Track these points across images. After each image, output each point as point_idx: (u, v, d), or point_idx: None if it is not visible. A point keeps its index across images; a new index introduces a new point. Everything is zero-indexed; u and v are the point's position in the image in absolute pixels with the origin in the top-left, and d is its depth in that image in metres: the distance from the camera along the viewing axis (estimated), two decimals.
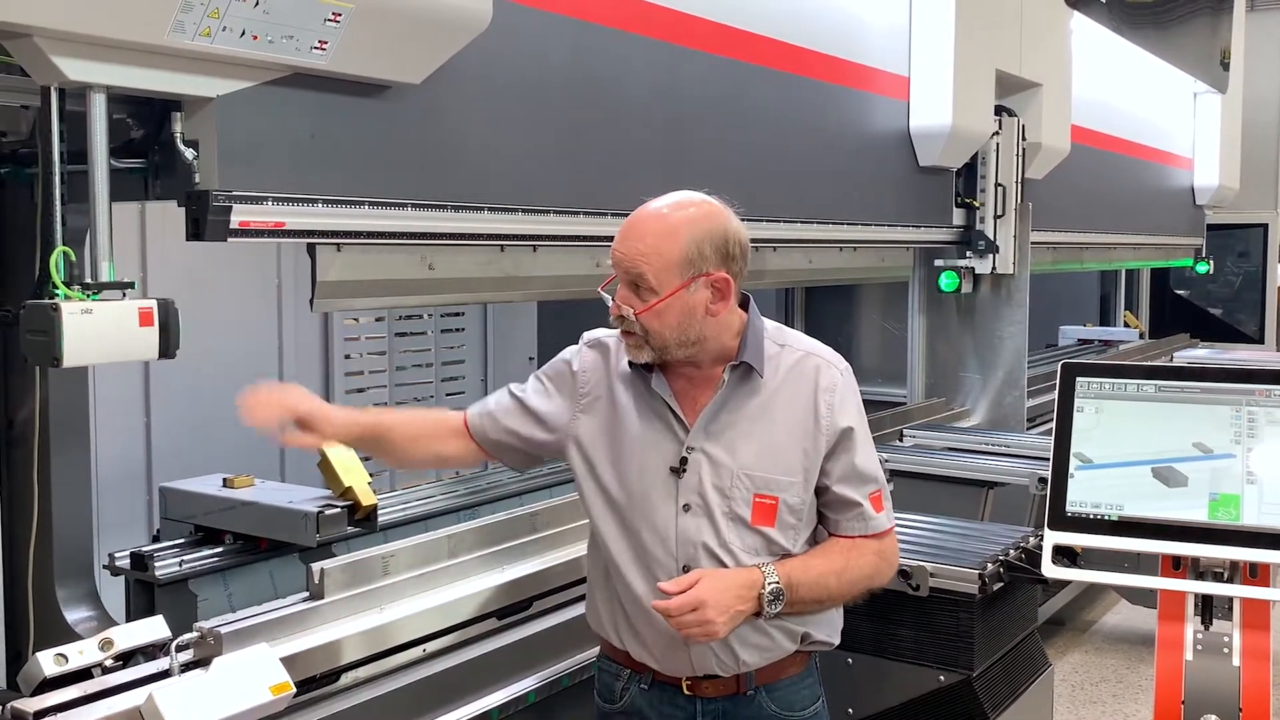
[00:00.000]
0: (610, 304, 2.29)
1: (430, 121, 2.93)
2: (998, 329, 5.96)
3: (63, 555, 2.97)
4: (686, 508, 2.28)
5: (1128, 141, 7.76)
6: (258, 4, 2.31)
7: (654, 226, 2.22)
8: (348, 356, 5.32)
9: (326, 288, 2.81)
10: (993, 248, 5.71)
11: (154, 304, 2.32)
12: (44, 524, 2.94)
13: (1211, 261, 10.04)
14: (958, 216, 5.70)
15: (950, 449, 5.15)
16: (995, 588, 3.16)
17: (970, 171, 5.68)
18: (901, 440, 5.31)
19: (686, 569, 2.24)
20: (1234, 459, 2.82)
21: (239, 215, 2.50)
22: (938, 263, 5.83)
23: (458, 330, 5.90)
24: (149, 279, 4.07)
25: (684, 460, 2.28)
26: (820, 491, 2.33)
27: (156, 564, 3.17)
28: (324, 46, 2.49)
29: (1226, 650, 2.81)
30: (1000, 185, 5.68)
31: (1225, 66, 8.81)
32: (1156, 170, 8.50)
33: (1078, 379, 2.98)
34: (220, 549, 3.33)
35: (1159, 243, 8.84)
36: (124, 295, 2.32)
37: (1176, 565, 2.86)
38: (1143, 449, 2.88)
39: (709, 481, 2.27)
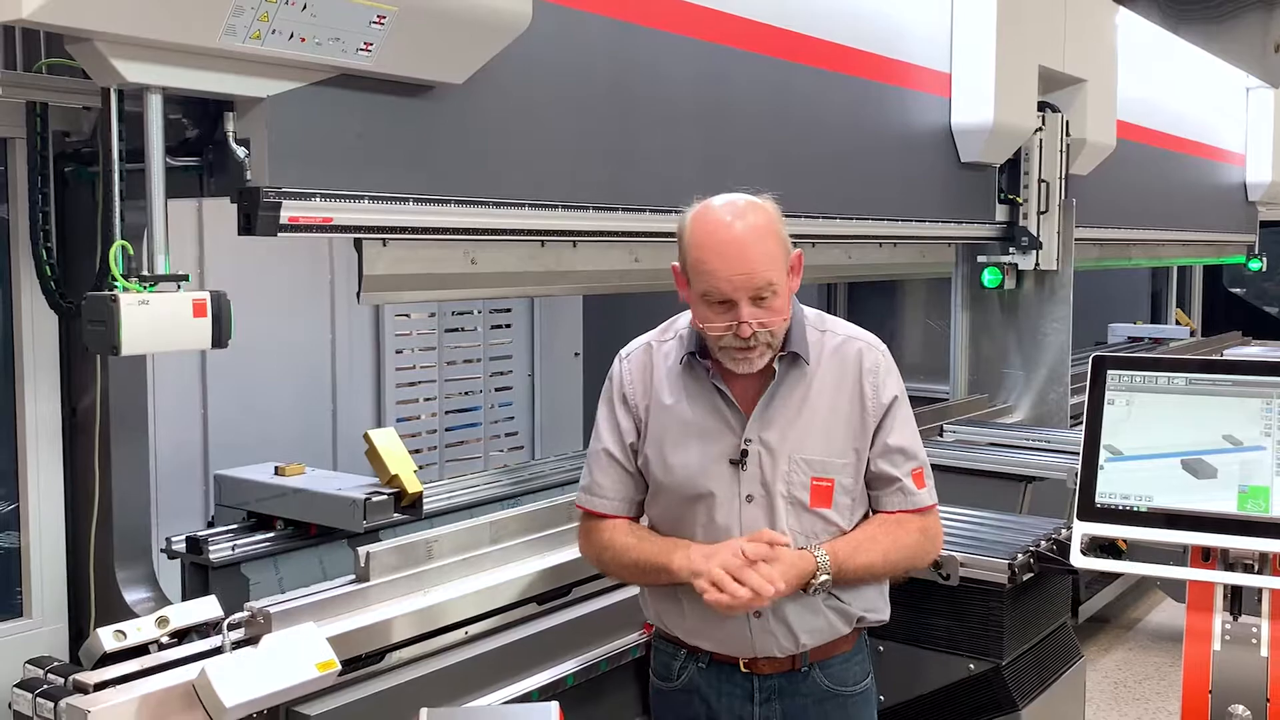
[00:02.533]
0: (734, 329, 2.25)
1: (472, 120, 3.01)
2: (1041, 325, 5.91)
3: (122, 538, 3.07)
4: (749, 498, 2.35)
5: (1177, 137, 7.67)
6: (305, 7, 2.40)
7: (753, 237, 2.25)
8: (399, 351, 5.44)
9: (373, 281, 2.91)
10: (1036, 244, 5.67)
11: (207, 295, 2.41)
12: (105, 509, 3.05)
13: (1264, 259, 9.89)
14: (1001, 212, 5.68)
15: (991, 444, 5.16)
16: (1025, 578, 3.19)
17: (1014, 167, 5.64)
18: (942, 435, 5.32)
19: None
20: (1264, 451, 2.82)
21: (289, 211, 2.59)
22: (981, 258, 5.80)
23: (505, 326, 6.00)
24: (205, 274, 4.18)
25: (744, 453, 2.35)
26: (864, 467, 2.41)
27: (211, 548, 3.30)
28: (369, 48, 2.57)
29: (1255, 641, 2.82)
30: (1044, 181, 5.66)
31: None
32: (1207, 166, 8.39)
33: (1109, 372, 2.99)
34: (272, 534, 3.45)
35: (1210, 239, 8.72)
36: (179, 287, 2.42)
37: (1206, 556, 2.88)
38: (1172, 441, 2.89)
39: (768, 470, 2.35)
